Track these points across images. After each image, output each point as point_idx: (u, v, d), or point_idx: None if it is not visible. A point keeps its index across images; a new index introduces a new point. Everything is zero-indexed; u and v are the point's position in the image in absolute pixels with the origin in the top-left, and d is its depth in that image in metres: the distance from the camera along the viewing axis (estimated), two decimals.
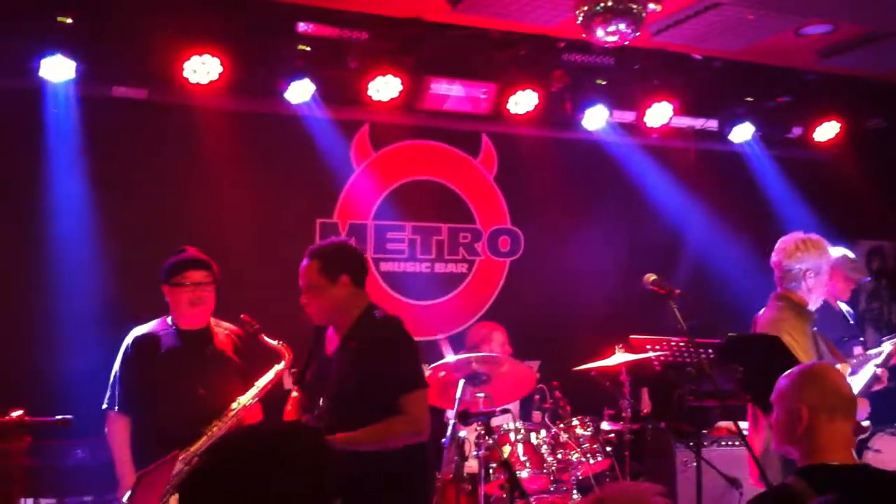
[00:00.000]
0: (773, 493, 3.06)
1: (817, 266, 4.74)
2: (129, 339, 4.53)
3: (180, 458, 4.07)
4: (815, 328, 4.75)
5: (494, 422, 4.96)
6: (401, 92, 6.08)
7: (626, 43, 5.02)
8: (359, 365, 3.77)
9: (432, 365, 5.15)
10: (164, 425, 4.32)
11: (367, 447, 3.64)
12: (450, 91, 6.36)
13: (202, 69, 5.48)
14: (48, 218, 5.69)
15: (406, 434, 3.74)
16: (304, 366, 3.92)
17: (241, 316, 4.52)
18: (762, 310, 4.83)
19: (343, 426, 3.64)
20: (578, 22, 4.88)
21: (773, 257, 4.82)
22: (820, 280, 4.76)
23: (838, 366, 4.19)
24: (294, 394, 4.01)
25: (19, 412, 3.62)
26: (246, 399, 4.40)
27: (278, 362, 4.51)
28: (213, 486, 1.68)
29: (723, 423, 6.29)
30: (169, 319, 4.57)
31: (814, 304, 4.78)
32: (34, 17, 5.18)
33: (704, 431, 6.17)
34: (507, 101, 6.46)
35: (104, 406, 4.51)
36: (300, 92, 5.87)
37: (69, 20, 5.18)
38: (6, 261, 5.68)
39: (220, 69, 5.51)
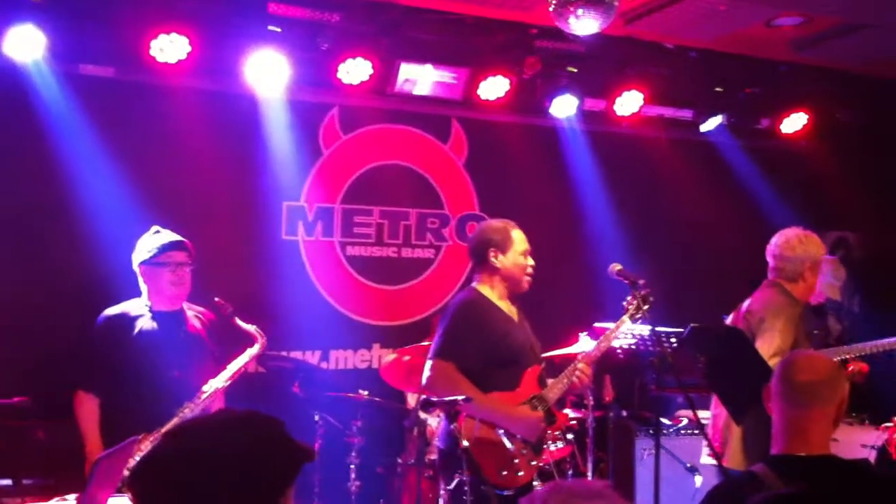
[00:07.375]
0: (738, 480, 3.05)
1: (815, 262, 4.81)
2: (100, 320, 4.49)
3: (149, 439, 4.04)
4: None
5: None
6: (371, 75, 6.00)
7: (598, 32, 5.01)
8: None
9: (398, 349, 5.14)
10: (136, 407, 4.28)
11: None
12: (421, 75, 6.32)
13: (170, 48, 5.41)
14: (14, 195, 5.62)
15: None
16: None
17: (215, 299, 4.50)
18: (755, 293, 4.87)
19: None
20: (551, 10, 4.87)
21: (774, 249, 4.85)
22: (815, 275, 4.83)
23: None
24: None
25: None
26: (218, 382, 4.40)
27: (251, 346, 4.51)
28: (166, 471, 1.68)
29: (683, 412, 6.36)
30: (141, 300, 4.53)
31: (807, 299, 4.86)
32: None
33: (665, 420, 6.23)
34: (478, 87, 6.43)
35: (72, 385, 4.47)
36: (270, 74, 5.80)
37: None
38: None
39: (189, 48, 5.44)
